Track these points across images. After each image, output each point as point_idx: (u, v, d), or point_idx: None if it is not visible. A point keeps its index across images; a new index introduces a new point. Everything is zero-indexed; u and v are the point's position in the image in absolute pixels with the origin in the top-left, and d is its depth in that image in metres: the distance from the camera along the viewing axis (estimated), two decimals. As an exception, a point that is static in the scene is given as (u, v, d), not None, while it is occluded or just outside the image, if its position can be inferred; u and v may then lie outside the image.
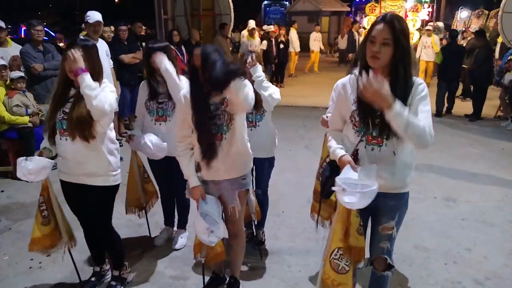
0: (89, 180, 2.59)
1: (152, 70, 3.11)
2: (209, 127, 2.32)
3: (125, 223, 3.82)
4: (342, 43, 16.35)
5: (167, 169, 3.23)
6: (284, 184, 4.73)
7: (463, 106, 8.70)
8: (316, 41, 14.16)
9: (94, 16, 4.98)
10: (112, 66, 5.56)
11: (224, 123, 2.35)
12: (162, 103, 3.11)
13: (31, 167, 2.52)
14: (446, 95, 8.27)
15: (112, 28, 6.41)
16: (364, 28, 14.25)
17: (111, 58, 5.50)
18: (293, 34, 13.03)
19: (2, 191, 4.61)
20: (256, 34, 10.78)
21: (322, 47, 15.16)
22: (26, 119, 4.81)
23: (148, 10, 9.19)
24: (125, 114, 6.59)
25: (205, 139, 2.34)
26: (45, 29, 5.86)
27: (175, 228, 3.66)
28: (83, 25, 5.13)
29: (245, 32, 10.79)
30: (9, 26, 22.89)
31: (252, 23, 10.56)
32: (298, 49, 13.23)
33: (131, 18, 7.86)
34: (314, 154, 5.59)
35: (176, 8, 9.41)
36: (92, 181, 2.59)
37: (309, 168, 5.12)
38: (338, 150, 2.10)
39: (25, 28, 17.40)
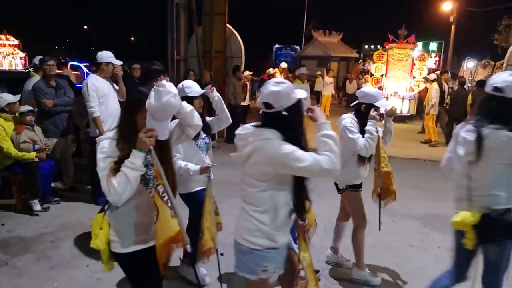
0: None
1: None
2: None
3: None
4: (350, 88, 16.64)
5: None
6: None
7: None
8: (329, 86, 14.55)
9: (114, 58, 5.17)
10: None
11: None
12: (204, 138, 3.29)
13: None
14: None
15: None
16: (371, 75, 14.51)
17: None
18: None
19: (3, 224, 4.61)
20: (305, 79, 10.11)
21: (333, 92, 15.54)
22: (33, 154, 4.83)
23: (161, 50, 9.50)
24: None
25: (305, 197, 2.25)
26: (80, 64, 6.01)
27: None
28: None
29: (279, 76, 10.87)
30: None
31: (283, 64, 10.76)
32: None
33: (145, 58, 8.14)
34: (319, 197, 5.56)
35: (189, 49, 9.73)
36: None
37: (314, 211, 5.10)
38: None
39: (71, 62, 17.66)
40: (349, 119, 3.37)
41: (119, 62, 5.25)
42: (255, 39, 25.04)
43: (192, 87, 3.17)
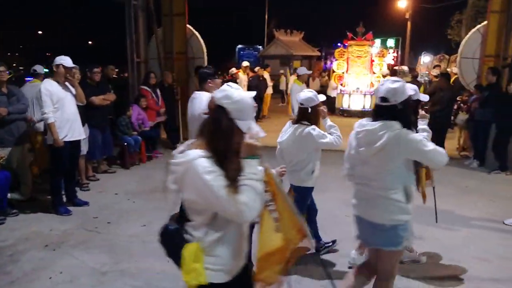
0: None
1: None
2: None
3: (88, 272, 3.66)
4: (313, 85, 16.87)
5: None
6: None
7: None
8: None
9: (69, 61, 5.00)
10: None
11: None
12: None
13: None
14: None
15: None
16: (333, 72, 14.75)
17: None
18: (267, 77, 13.49)
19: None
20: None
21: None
22: (-14, 165, 4.57)
23: (122, 53, 9.28)
24: (95, 157, 6.48)
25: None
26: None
27: None
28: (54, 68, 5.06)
29: (242, 76, 10.86)
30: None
31: (245, 63, 10.82)
32: (271, 91, 13.63)
33: (106, 61, 7.92)
34: (326, 191, 5.54)
35: (149, 51, 9.56)
36: None
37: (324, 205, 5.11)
38: None
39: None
40: None
41: (70, 65, 5.06)
42: (218, 40, 24.93)
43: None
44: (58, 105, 4.84)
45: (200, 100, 3.87)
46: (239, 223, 1.83)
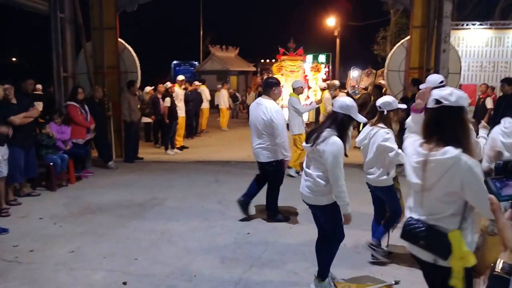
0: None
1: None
2: None
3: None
4: (250, 99, 17.05)
5: None
6: (196, 245, 4.48)
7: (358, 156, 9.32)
8: (225, 99, 14.86)
9: None
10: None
11: None
12: None
13: None
14: None
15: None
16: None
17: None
18: (206, 92, 13.43)
19: None
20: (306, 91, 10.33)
21: (231, 105, 15.84)
22: None
23: (48, 68, 8.64)
24: (16, 179, 5.88)
25: None
26: None
27: None
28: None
29: (179, 90, 10.59)
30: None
31: (180, 77, 10.90)
32: (207, 105, 13.57)
33: (28, 76, 7.32)
34: (227, 209, 5.46)
35: (78, 65, 9.03)
36: None
37: (222, 225, 4.98)
38: None
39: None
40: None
41: None
42: (153, 56, 24.45)
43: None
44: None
45: (265, 107, 4.73)
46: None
